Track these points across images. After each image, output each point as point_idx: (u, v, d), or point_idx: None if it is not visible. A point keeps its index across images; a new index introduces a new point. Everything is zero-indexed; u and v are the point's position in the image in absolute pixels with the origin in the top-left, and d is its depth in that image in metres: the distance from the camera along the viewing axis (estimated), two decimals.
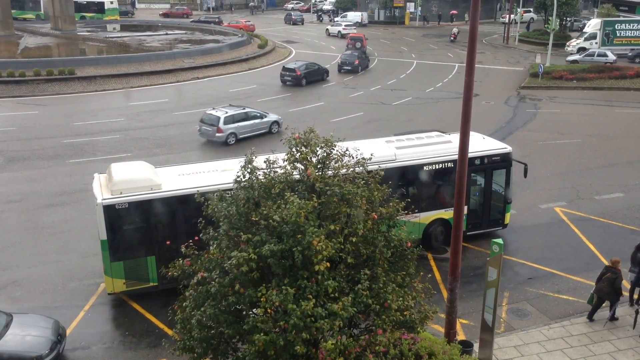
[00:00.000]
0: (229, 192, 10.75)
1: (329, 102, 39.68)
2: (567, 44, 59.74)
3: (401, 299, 10.22)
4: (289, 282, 9.40)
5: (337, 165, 10.52)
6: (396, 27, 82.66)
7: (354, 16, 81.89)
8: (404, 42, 67.77)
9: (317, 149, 10.53)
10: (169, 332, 14.37)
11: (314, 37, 71.82)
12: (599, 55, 52.07)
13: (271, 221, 9.49)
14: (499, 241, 12.94)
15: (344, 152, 10.78)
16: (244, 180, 10.38)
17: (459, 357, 11.99)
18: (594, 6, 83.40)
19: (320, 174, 10.27)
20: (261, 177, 10.35)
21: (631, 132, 33.57)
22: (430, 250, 19.38)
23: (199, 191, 11.85)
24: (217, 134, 29.90)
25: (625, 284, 15.77)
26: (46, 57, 51.72)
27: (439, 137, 20.36)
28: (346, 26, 72.61)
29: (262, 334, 9.26)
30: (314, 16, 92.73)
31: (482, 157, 19.49)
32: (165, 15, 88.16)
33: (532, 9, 75.78)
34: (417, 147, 19.29)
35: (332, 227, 9.73)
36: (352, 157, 10.84)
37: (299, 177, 10.40)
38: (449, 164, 18.92)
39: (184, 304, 10.59)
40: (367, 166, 10.98)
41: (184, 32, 69.75)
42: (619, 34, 57.33)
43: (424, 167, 18.91)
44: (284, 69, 45.15)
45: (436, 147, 19.38)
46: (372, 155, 11.86)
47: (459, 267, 13.42)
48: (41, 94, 40.50)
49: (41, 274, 18.11)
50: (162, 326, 15.51)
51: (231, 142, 30.24)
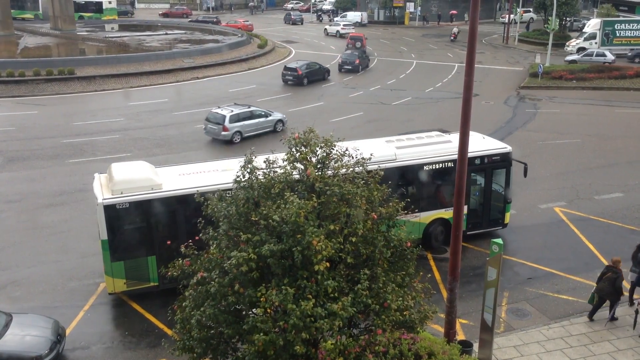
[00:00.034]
0: (228, 192, 10.74)
1: (329, 102, 39.68)
2: (567, 44, 59.74)
3: (401, 299, 10.22)
4: (288, 282, 9.40)
5: (336, 165, 10.52)
6: (396, 27, 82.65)
7: (354, 16, 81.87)
8: (404, 42, 67.77)
9: (317, 149, 10.53)
10: (169, 332, 14.36)
11: (313, 37, 71.80)
12: (597, 55, 52.11)
13: (271, 221, 9.49)
14: (499, 241, 12.95)
15: (344, 152, 10.78)
16: (243, 180, 10.38)
17: (459, 357, 11.99)
18: (594, 6, 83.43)
19: (319, 173, 10.27)
20: (261, 177, 10.35)
21: (631, 132, 33.58)
22: (430, 250, 19.39)
23: (198, 191, 11.84)
24: (223, 132, 30.00)
25: (625, 284, 15.76)
26: (46, 57, 51.73)
27: (439, 137, 20.38)
28: (344, 26, 72.71)
29: (261, 334, 9.26)
30: (313, 16, 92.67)
31: (482, 157, 19.50)
32: (164, 15, 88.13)
33: (531, 9, 75.75)
34: (417, 147, 19.31)
35: (331, 227, 9.73)
36: (352, 157, 10.85)
37: (298, 177, 10.40)
38: (449, 164, 18.93)
39: (184, 304, 10.58)
40: (367, 166, 10.98)
41: (184, 32, 69.75)
42: (618, 34, 57.34)
43: (424, 167, 18.93)
44: (286, 68, 45.20)
45: (436, 147, 19.40)
46: (371, 155, 11.87)
47: (459, 267, 13.42)
48: (41, 93, 40.50)
49: (41, 274, 18.10)
50: (161, 326, 15.50)
51: (237, 140, 30.34)
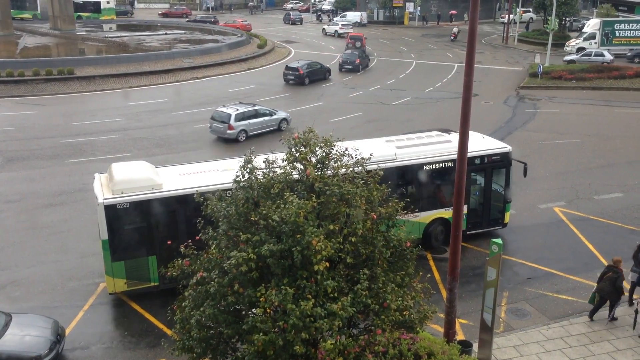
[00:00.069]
0: (228, 192, 10.74)
1: (329, 102, 39.68)
2: (567, 44, 59.73)
3: (400, 299, 10.21)
4: (288, 282, 9.39)
5: (336, 165, 10.52)
6: (395, 27, 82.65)
7: (353, 16, 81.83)
8: (403, 42, 67.76)
9: (317, 148, 10.53)
10: (168, 332, 14.35)
11: (313, 37, 71.79)
12: (595, 55, 52.11)
13: (270, 221, 9.49)
14: (498, 241, 12.95)
15: (343, 152, 10.78)
16: (243, 180, 10.38)
17: (458, 357, 12.00)
18: (593, 6, 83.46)
19: (319, 173, 10.27)
20: (260, 177, 10.34)
21: (630, 132, 33.59)
22: (430, 249, 19.39)
23: (198, 191, 11.82)
24: (229, 131, 30.13)
25: (625, 284, 15.76)
26: (45, 56, 51.70)
27: (439, 137, 20.39)
28: (343, 25, 72.77)
29: (261, 334, 9.25)
30: (313, 16, 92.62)
31: (481, 157, 19.51)
32: (164, 15, 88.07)
33: (531, 9, 75.70)
34: (417, 147, 19.32)
35: (331, 227, 9.73)
36: (351, 157, 10.85)
37: (298, 177, 10.40)
38: (449, 164, 18.94)
39: (183, 304, 10.57)
40: (367, 166, 10.98)
41: (183, 32, 69.75)
42: (618, 34, 57.33)
43: (424, 167, 18.94)
44: (287, 68, 45.36)
45: (436, 147, 19.41)
46: (371, 155, 11.87)
47: (458, 267, 13.43)
48: (40, 93, 40.47)
49: (40, 274, 18.09)
50: (161, 326, 15.51)
51: (242, 139, 30.46)
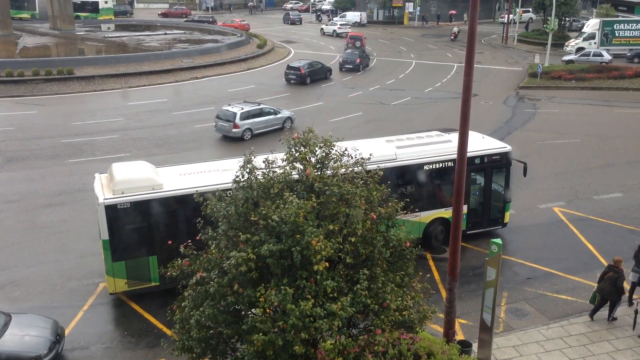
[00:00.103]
0: (228, 192, 10.73)
1: (328, 102, 39.69)
2: (566, 44, 59.71)
3: (400, 299, 10.21)
4: (287, 282, 9.39)
5: (335, 165, 10.52)
6: (395, 27, 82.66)
7: (353, 16, 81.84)
8: (403, 42, 67.76)
9: (316, 149, 10.53)
10: (168, 332, 14.33)
11: (312, 37, 71.79)
12: (594, 55, 52.11)
13: (270, 221, 9.48)
14: (498, 241, 12.95)
15: (343, 152, 10.78)
16: (242, 180, 10.37)
17: (458, 357, 12.01)
18: (593, 6, 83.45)
19: (319, 173, 10.26)
20: (260, 177, 10.34)
21: (630, 132, 33.59)
22: (430, 249, 19.39)
23: (197, 191, 11.79)
24: (234, 130, 30.31)
25: (624, 284, 15.76)
26: (45, 56, 51.70)
27: (439, 137, 20.40)
28: (341, 25, 72.84)
29: (260, 334, 9.24)
30: (312, 16, 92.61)
31: (481, 157, 19.52)
32: (164, 15, 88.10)
33: (530, 9, 75.74)
34: (417, 147, 19.33)
35: (331, 227, 9.72)
36: (351, 157, 10.84)
37: (297, 177, 10.40)
38: (449, 163, 18.94)
39: (183, 304, 10.57)
40: (367, 166, 10.98)
41: (183, 32, 69.76)
42: (617, 34, 57.32)
43: (425, 167, 18.95)
44: (289, 67, 45.61)
45: (436, 147, 19.42)
46: (371, 154, 11.86)
47: (458, 267, 13.43)
48: (40, 93, 40.47)
49: (40, 274, 18.09)
50: (160, 326, 15.51)
51: (247, 137, 30.64)
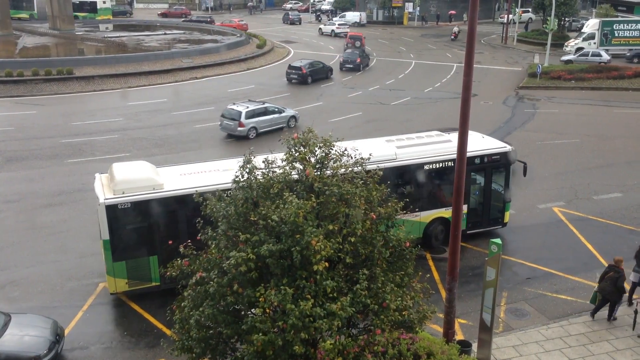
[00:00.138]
0: (229, 192, 10.73)
1: (328, 102, 39.70)
2: (566, 44, 59.72)
3: (400, 299, 10.21)
4: (287, 282, 9.39)
5: (335, 165, 10.52)
6: (395, 27, 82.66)
7: (353, 16, 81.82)
8: (403, 42, 67.77)
9: (316, 149, 10.53)
10: (168, 332, 14.34)
11: (312, 37, 71.79)
12: (593, 55, 52.16)
13: (270, 221, 9.48)
14: (498, 241, 12.96)
15: (343, 152, 10.78)
16: (242, 180, 10.37)
17: (458, 357, 12.01)
18: (593, 6, 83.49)
19: (318, 174, 10.26)
20: (260, 177, 10.34)
21: (629, 132, 33.60)
22: (430, 249, 19.40)
23: (197, 191, 11.79)
24: (239, 128, 30.55)
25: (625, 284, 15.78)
26: (44, 56, 51.68)
27: (438, 137, 20.41)
28: (340, 25, 72.94)
29: (260, 334, 9.24)
30: (312, 16, 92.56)
31: (481, 156, 19.53)
32: (163, 15, 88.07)
33: (530, 9, 75.76)
34: (417, 147, 19.35)
35: (330, 227, 9.72)
36: (351, 157, 10.84)
37: (297, 177, 10.40)
38: (449, 163, 18.94)
39: (183, 304, 10.57)
40: (366, 166, 10.98)
41: (182, 32, 69.74)
42: (617, 34, 57.30)
43: (425, 166, 18.96)
44: (290, 67, 45.82)
45: (436, 147, 19.43)
46: (371, 154, 11.87)
47: (458, 267, 13.43)
48: (39, 93, 40.47)
49: (39, 274, 18.08)
50: (160, 326, 15.50)
51: (252, 136, 30.85)
